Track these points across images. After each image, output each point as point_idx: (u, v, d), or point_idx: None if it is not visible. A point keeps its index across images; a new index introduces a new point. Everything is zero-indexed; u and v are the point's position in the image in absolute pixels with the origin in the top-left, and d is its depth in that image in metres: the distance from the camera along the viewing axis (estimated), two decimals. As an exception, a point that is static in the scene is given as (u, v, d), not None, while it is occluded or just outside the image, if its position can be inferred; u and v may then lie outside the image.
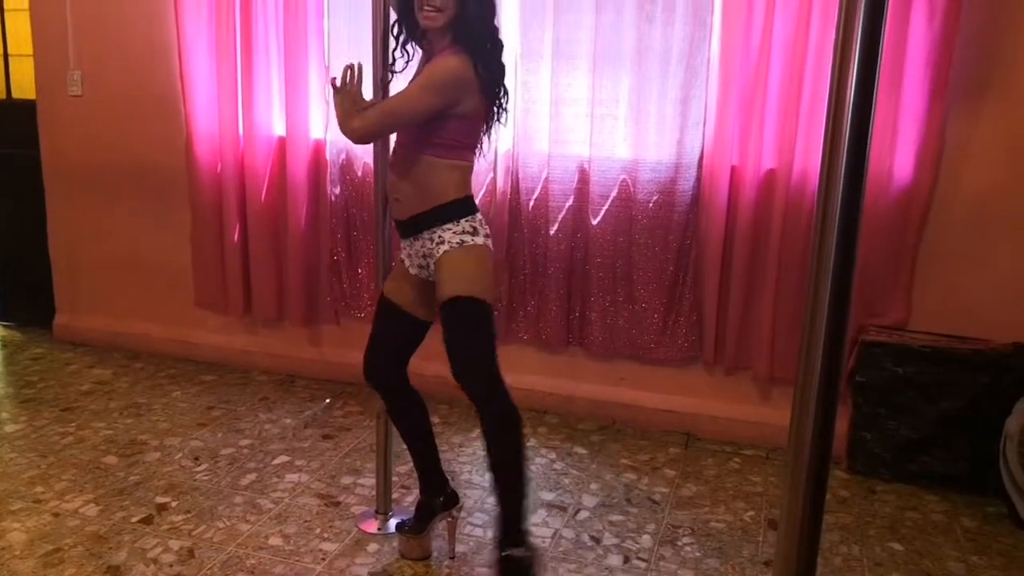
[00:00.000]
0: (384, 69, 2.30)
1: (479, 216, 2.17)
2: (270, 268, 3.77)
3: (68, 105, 4.00)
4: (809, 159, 3.01)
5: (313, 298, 3.79)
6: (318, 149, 3.62)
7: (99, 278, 4.16)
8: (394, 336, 2.30)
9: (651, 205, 3.22)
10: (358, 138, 2.18)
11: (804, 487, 1.14)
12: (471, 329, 2.11)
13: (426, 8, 2.05)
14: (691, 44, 3.05)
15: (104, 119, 3.95)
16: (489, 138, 2.31)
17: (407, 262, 2.25)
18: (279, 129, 3.65)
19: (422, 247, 2.17)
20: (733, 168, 3.12)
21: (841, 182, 1.08)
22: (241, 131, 3.69)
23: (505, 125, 2.32)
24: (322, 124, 3.58)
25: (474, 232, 2.13)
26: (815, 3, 2.88)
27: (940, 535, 2.60)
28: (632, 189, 3.23)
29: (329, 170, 3.61)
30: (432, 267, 2.15)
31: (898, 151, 2.93)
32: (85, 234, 4.13)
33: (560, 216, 3.32)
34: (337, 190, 3.62)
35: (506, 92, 2.20)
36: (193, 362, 3.95)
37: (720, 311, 3.23)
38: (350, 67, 2.19)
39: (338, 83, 2.18)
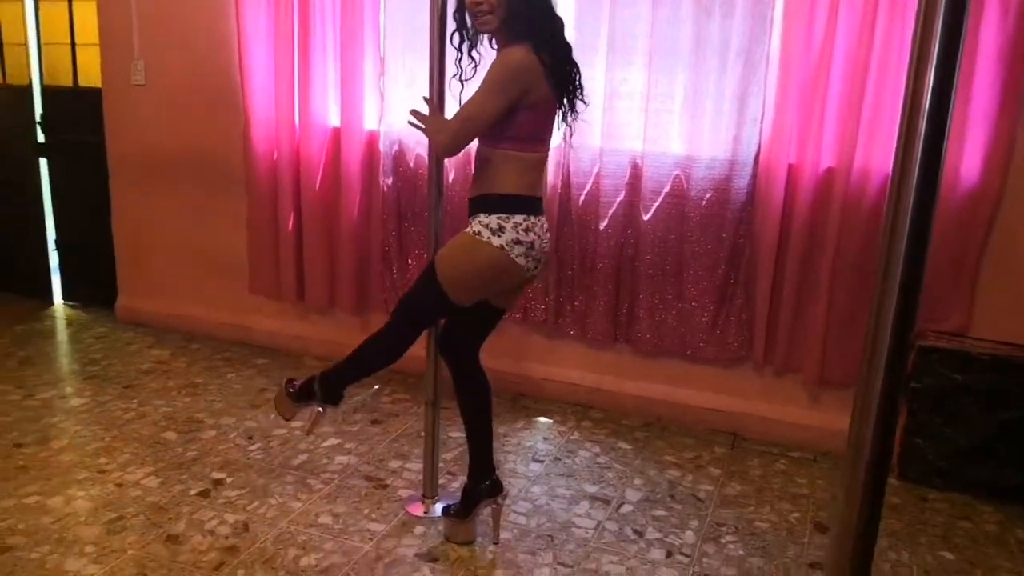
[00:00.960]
0: (440, 71, 2.32)
1: (519, 218, 2.13)
2: (323, 257, 3.84)
3: (132, 94, 4.12)
4: (870, 158, 2.96)
5: (364, 287, 3.85)
6: (371, 140, 3.68)
7: (159, 263, 4.28)
8: (466, 319, 2.35)
9: (704, 202, 3.21)
10: (447, 151, 2.21)
11: (861, 493, 1.13)
12: (421, 285, 2.27)
13: (477, 14, 2.09)
14: (750, 38, 3.02)
15: (166, 108, 4.07)
16: (569, 124, 2.29)
17: None
18: (334, 120, 3.72)
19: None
20: (790, 166, 3.09)
21: (914, 185, 1.06)
22: (297, 121, 3.76)
23: (588, 105, 2.32)
24: (376, 115, 3.64)
25: (498, 231, 2.12)
26: (880, -1, 2.84)
27: (993, 546, 2.55)
28: (685, 185, 3.22)
29: (382, 161, 3.66)
30: None
31: (966, 152, 2.86)
32: (147, 220, 4.25)
33: (611, 211, 3.33)
34: (389, 181, 3.67)
35: (578, 71, 2.20)
36: (247, 346, 4.05)
37: (772, 311, 3.20)
38: (428, 100, 2.29)
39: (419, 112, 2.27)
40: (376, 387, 3.61)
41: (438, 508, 2.57)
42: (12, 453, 2.84)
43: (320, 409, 2.44)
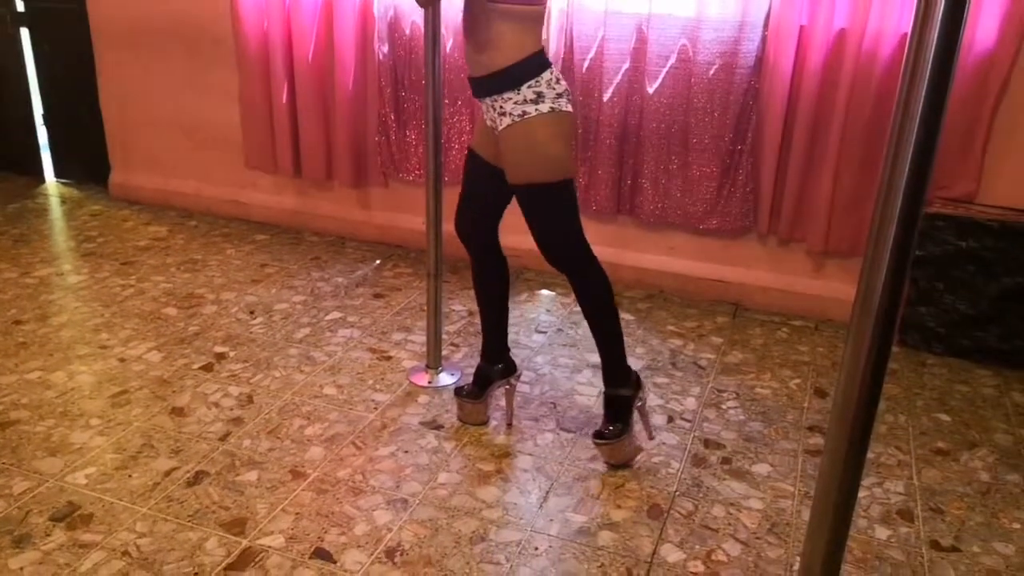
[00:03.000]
0: None
1: (547, 75, 2.00)
2: (319, 129, 3.74)
3: (113, -43, 3.92)
4: (885, 19, 2.82)
5: (362, 160, 3.77)
6: (365, 5, 3.51)
7: (151, 137, 4.18)
8: (482, 191, 2.23)
9: (711, 68, 3.08)
10: None
11: (864, 358, 1.13)
12: (546, 212, 2.06)
13: None
14: None
15: (149, -29, 3.87)
16: None
17: (485, 115, 2.15)
18: (327, -17, 3.54)
19: (487, 111, 2.09)
20: (801, 28, 2.95)
21: (933, 45, 1.01)
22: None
23: None
24: (370, -23, 3.46)
25: (537, 99, 1.98)
26: None
27: (989, 408, 2.58)
28: (692, 50, 3.09)
29: (376, 28, 3.51)
30: (497, 131, 2.07)
31: (982, 15, 2.73)
32: (136, 93, 4.12)
33: (616, 80, 3.21)
34: (385, 49, 3.53)
35: None
36: (245, 222, 4.01)
37: (777, 181, 3.14)
38: None
39: None
40: (378, 261, 3.59)
41: (442, 378, 2.59)
42: (11, 330, 2.84)
43: (640, 404, 2.26)
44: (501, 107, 2.02)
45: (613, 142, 3.26)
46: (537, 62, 2.00)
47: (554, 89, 2.01)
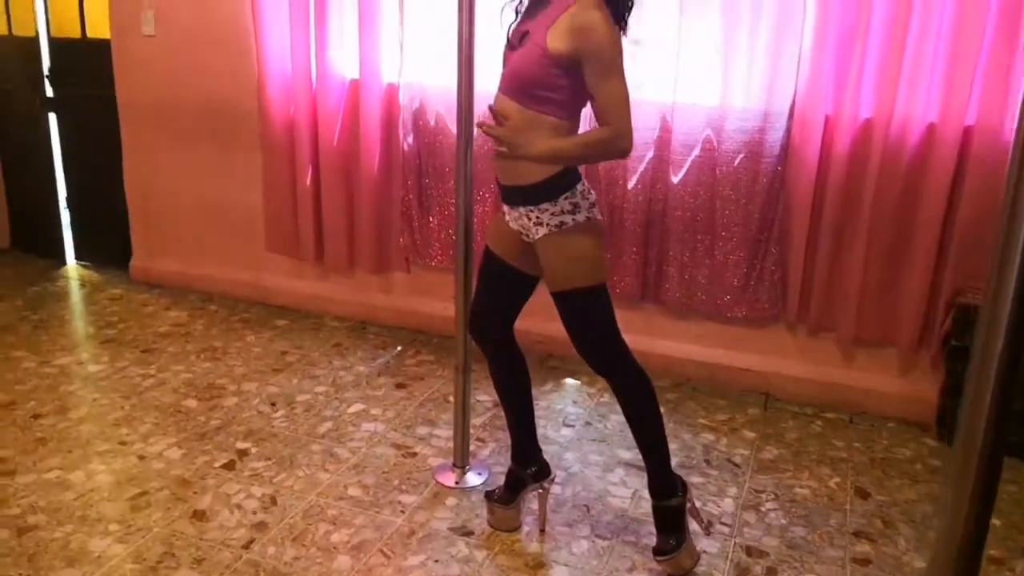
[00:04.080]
0: (470, 26, 2.18)
1: (580, 187, 2.01)
2: (342, 214, 3.74)
3: (141, 45, 3.98)
4: (912, 107, 2.83)
5: (384, 245, 3.75)
6: (391, 94, 3.55)
7: (173, 220, 4.19)
8: (499, 290, 2.21)
9: (737, 155, 3.08)
10: (628, 141, 1.94)
11: (974, 478, 1.04)
12: (586, 317, 2.06)
13: None
14: (787, -17, 2.86)
15: (177, 59, 3.93)
16: None
17: (507, 216, 2.14)
18: (352, 72, 3.58)
19: (519, 218, 2.07)
20: (827, 117, 2.95)
21: None
22: (314, 72, 3.62)
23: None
24: (395, 68, 3.49)
25: (574, 209, 1.99)
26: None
27: (1038, 510, 2.48)
28: (717, 139, 3.09)
29: (401, 116, 3.53)
30: (531, 239, 2.07)
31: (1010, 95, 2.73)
32: (159, 176, 4.15)
33: (640, 168, 3.20)
34: (410, 138, 3.55)
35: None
36: (265, 306, 3.98)
37: (806, 270, 3.10)
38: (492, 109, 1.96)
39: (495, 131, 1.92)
40: (399, 348, 3.55)
41: (470, 478, 2.51)
42: (31, 424, 2.79)
43: (690, 506, 2.17)
44: (538, 217, 2.01)
45: (638, 229, 3.24)
46: (573, 175, 2.01)
47: (587, 199, 2.02)
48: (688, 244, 3.21)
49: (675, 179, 3.15)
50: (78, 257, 4.58)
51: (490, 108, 1.93)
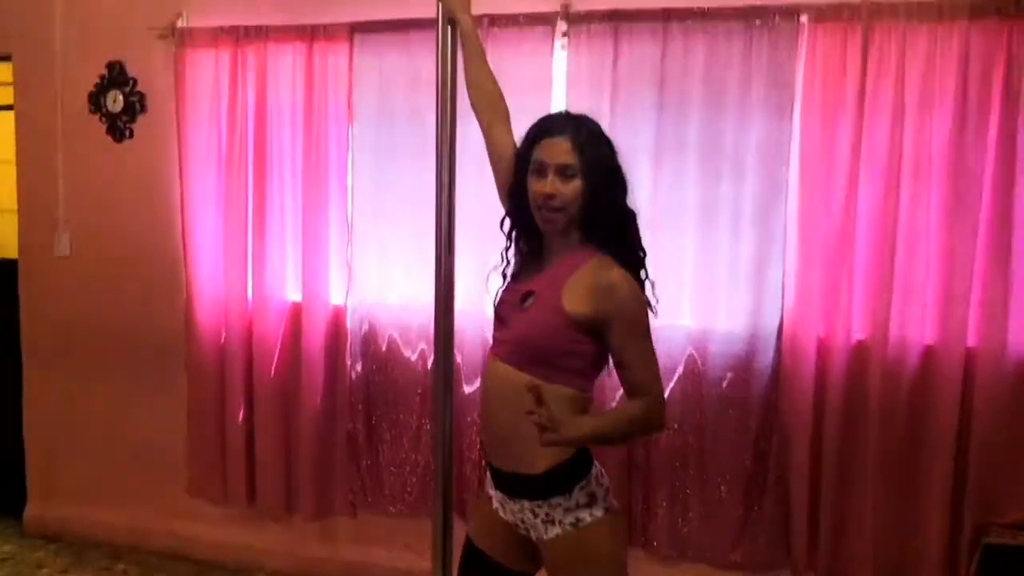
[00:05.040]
0: (448, 252, 1.91)
1: (594, 470, 1.71)
2: (278, 452, 3.29)
3: (54, 267, 3.60)
4: (906, 328, 2.66)
5: (326, 487, 3.28)
6: (337, 317, 3.23)
7: (79, 461, 3.64)
8: None
9: (724, 382, 2.83)
10: (665, 413, 1.75)
11: None
12: None
13: (544, 208, 1.71)
14: (764, 203, 2.74)
15: (94, 283, 3.56)
16: None
17: (496, 504, 1.80)
18: (293, 294, 3.27)
19: (521, 511, 1.72)
20: (819, 340, 2.74)
21: None
22: (250, 295, 3.30)
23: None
24: (342, 289, 3.20)
25: (591, 501, 1.67)
26: (905, 157, 2.59)
27: None
28: (701, 364, 2.84)
29: (350, 341, 3.21)
30: (534, 536, 1.72)
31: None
32: (65, 411, 3.65)
33: (617, 395, 2.90)
34: (359, 365, 3.20)
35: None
36: (187, 561, 3.41)
37: (811, 507, 2.77)
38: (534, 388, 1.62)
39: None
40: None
41: None
42: None
43: None
44: (547, 514, 1.66)
45: (619, 465, 2.88)
46: (585, 459, 1.69)
47: (602, 485, 1.72)
48: (676, 479, 2.88)
49: (658, 408, 2.86)
50: (-39, 505, 3.93)
51: (533, 389, 1.56)
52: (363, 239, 3.17)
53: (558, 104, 2.88)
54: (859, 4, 2.55)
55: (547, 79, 2.87)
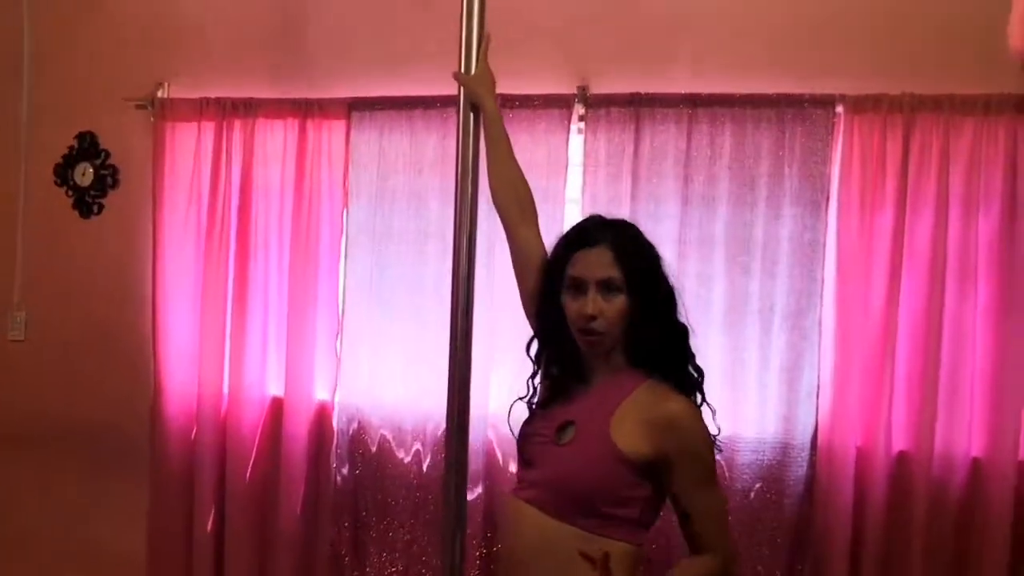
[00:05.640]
0: (466, 336, 1.68)
1: None
2: (251, 565, 2.97)
3: (5, 352, 3.29)
4: (953, 441, 2.47)
5: (306, 605, 2.95)
6: (323, 414, 2.97)
7: (24, 566, 3.26)
8: None
9: (752, 494, 2.59)
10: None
11: None
12: None
13: (586, 331, 1.49)
14: (798, 301, 2.55)
15: (50, 369, 3.25)
16: None
17: None
18: (275, 387, 3.00)
19: None
20: (858, 449, 2.53)
21: None
22: (226, 387, 3.01)
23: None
24: (329, 383, 2.94)
25: None
26: (950, 255, 2.43)
27: None
28: (728, 473, 2.60)
29: (336, 441, 2.93)
30: None
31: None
32: (13, 511, 3.28)
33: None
34: (345, 468, 2.92)
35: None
36: None
37: (852, 640, 2.52)
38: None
39: None
40: None
41: None
42: None
43: None
44: None
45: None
46: None
47: None
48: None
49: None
50: None
51: (602, 561, 1.32)
52: (354, 330, 2.92)
53: (573, 190, 2.70)
54: (900, 96, 2.42)
55: (562, 163, 2.69)
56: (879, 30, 2.47)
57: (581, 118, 2.68)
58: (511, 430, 1.67)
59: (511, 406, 1.66)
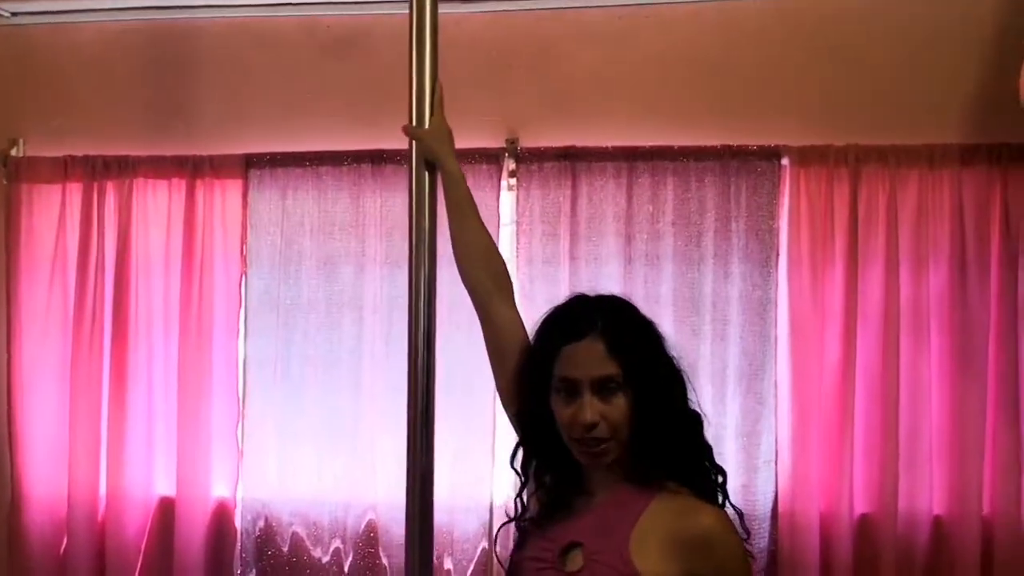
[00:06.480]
0: (427, 420, 1.40)
1: None
2: None
3: None
4: (915, 500, 2.39)
5: None
6: (222, 513, 2.64)
7: None
8: None
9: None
10: None
11: None
12: None
13: (585, 441, 1.24)
14: (751, 363, 2.43)
15: None
16: None
17: None
18: (163, 487, 2.65)
19: None
20: (821, 515, 2.41)
21: None
22: (103, 490, 2.64)
23: None
24: (230, 479, 2.60)
25: None
26: (903, 311, 2.36)
27: None
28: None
29: (240, 544, 2.61)
30: None
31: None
32: None
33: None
34: (252, 574, 2.57)
35: None
36: None
37: None
38: None
39: None
40: None
41: None
42: None
43: None
44: None
45: None
46: None
47: None
48: None
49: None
50: None
51: None
52: (257, 414, 2.63)
53: (505, 251, 2.46)
54: (845, 147, 2.34)
55: (493, 222, 2.46)
56: (824, 80, 2.40)
57: (512, 173, 2.47)
58: (497, 559, 1.40)
59: (498, 529, 1.39)
